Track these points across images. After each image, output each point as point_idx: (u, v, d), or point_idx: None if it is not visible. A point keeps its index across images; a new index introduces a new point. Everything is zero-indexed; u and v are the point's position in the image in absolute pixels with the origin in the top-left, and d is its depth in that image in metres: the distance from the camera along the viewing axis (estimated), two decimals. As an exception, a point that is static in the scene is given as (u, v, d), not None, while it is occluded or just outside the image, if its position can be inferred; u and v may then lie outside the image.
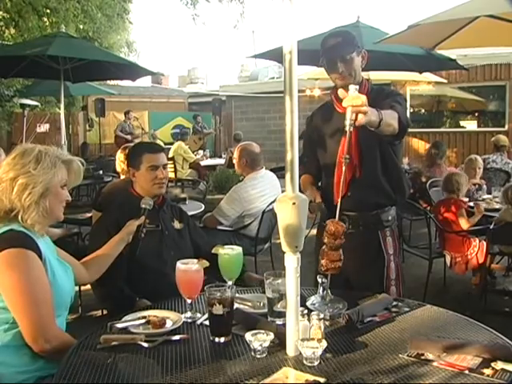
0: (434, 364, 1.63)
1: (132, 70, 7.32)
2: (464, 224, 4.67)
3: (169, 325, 1.98)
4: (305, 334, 1.77)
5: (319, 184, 2.84)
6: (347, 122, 1.94)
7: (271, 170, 4.97)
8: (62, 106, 7.54)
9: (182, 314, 2.08)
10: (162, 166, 2.74)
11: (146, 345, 1.80)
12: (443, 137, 13.15)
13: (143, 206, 2.56)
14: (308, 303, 2.11)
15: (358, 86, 1.96)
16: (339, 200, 2.10)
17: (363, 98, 1.92)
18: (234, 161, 4.86)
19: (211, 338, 1.87)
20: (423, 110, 14.66)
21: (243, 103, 17.48)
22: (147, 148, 2.85)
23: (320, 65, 2.63)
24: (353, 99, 1.91)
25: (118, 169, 4.37)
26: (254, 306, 2.17)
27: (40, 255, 1.91)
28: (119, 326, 1.94)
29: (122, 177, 4.28)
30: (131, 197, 2.75)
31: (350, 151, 2.27)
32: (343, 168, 2.11)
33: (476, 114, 13.89)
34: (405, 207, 4.94)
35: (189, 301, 2.12)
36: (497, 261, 5.18)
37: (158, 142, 11.74)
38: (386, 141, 2.49)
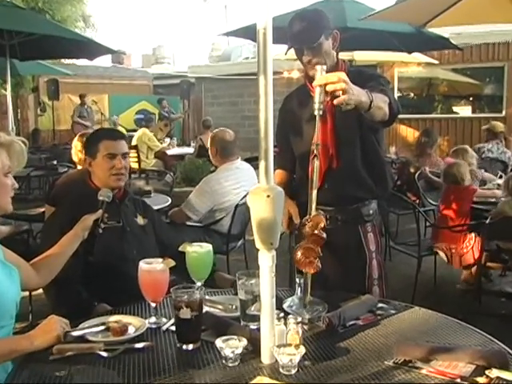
0: (423, 372, 1.64)
1: (89, 48, 7.24)
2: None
3: (131, 331, 1.97)
4: (281, 339, 1.77)
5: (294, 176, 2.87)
6: (316, 105, 1.93)
7: (245, 161, 5.00)
8: (9, 86, 7.43)
9: (145, 319, 2.08)
10: (120, 154, 2.72)
11: (105, 354, 1.80)
12: (434, 123, 13.28)
13: (101, 198, 2.54)
14: (285, 305, 2.11)
15: (324, 66, 1.97)
16: (313, 192, 2.11)
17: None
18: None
19: (178, 345, 1.87)
20: (412, 94, 14.79)
21: (214, 86, 17.42)
22: (105, 134, 2.83)
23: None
24: (326, 78, 1.91)
25: (75, 158, 4.33)
26: (225, 309, 2.18)
27: None
28: (75, 333, 1.92)
29: (79, 167, 4.25)
30: (88, 189, 2.73)
31: (323, 138, 2.29)
32: (315, 157, 2.11)
33: (470, 99, 14.04)
34: (391, 200, 5.02)
35: (153, 304, 2.12)
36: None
37: (120, 128, 11.63)
38: (369, 127, 2.52)
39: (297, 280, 2.15)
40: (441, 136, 11.08)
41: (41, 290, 2.56)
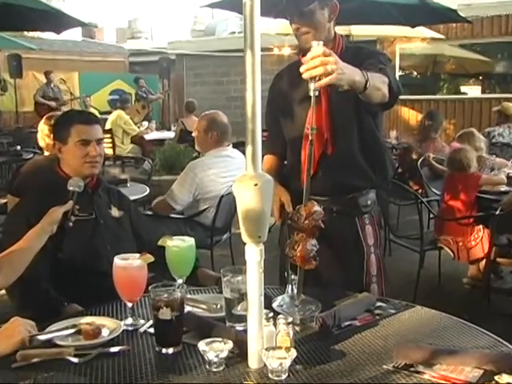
0: (425, 377, 1.64)
1: (56, 19, 7.14)
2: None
3: (105, 334, 1.97)
4: (270, 341, 1.77)
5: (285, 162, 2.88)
6: (311, 85, 1.93)
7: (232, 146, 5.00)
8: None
9: (121, 320, 2.08)
10: (95, 140, 2.72)
11: (76, 360, 1.79)
12: (439, 105, 13.29)
13: (71, 188, 2.53)
14: (274, 305, 2.12)
15: (321, 42, 1.95)
16: (306, 180, 2.11)
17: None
18: (194, 133, 4.87)
19: (157, 349, 1.87)
20: (415, 73, 14.83)
21: (197, 63, 17.36)
22: (77, 117, 2.82)
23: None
24: (315, 54, 1.90)
25: (42, 144, 4.32)
26: (209, 309, 2.19)
27: None
28: (42, 337, 1.92)
29: (47, 153, 4.23)
30: (57, 178, 2.72)
31: (317, 122, 2.26)
32: (311, 143, 2.11)
33: (480, 78, 14.07)
34: (392, 190, 5.04)
35: (129, 304, 2.12)
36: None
37: (92, 110, 11.59)
38: (367, 110, 2.54)
39: (288, 276, 2.17)
40: (446, 119, 11.11)
41: (3, 291, 2.54)
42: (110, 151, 9.63)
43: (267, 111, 2.87)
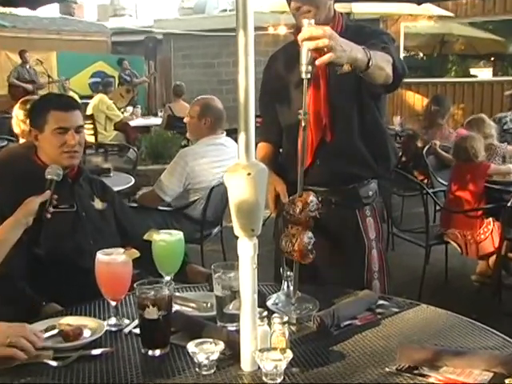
0: (431, 380, 1.64)
1: (31, -7, 7.13)
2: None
3: (86, 335, 1.97)
4: (264, 342, 1.78)
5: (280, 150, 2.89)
6: (303, 67, 1.96)
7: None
8: None
9: (103, 320, 2.08)
10: (74, 128, 2.70)
11: (55, 363, 1.79)
12: (447, 89, 13.31)
13: (49, 176, 2.51)
14: (268, 303, 2.13)
15: (312, 20, 1.99)
16: (300, 169, 2.14)
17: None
18: (186, 119, 4.87)
19: (143, 351, 1.87)
20: (422, 54, 14.83)
21: (186, 44, 17.31)
22: (55, 102, 2.80)
23: None
24: (310, 32, 1.93)
25: (16, 130, 4.31)
26: (198, 308, 2.20)
27: None
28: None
29: (22, 141, 4.22)
30: (34, 167, 2.71)
31: (315, 106, 2.34)
32: (302, 128, 2.14)
33: (491, 59, 14.07)
34: (395, 180, 5.05)
35: (113, 303, 2.12)
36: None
37: (71, 94, 11.54)
38: (369, 93, 2.54)
39: (283, 273, 2.18)
40: (454, 104, 11.11)
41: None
42: (91, 139, 9.60)
43: (261, 95, 2.86)
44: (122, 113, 11.46)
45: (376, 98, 2.66)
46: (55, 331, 1.97)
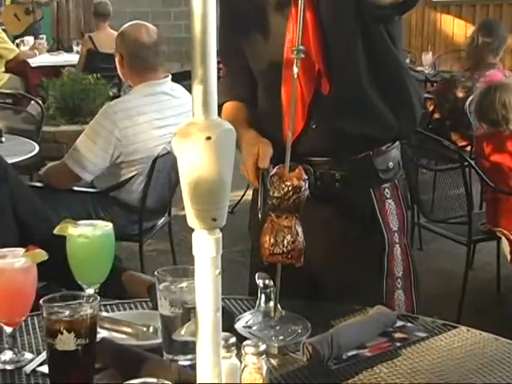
0: None
1: None
2: None
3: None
4: (232, 380, 1.50)
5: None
6: None
7: (172, 78, 4.22)
8: None
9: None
10: None
11: None
12: (503, 11, 11.15)
13: None
14: (238, 325, 1.88)
15: None
16: (290, 135, 1.92)
17: None
18: (117, 58, 4.16)
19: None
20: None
21: None
22: None
23: None
24: None
25: None
26: (136, 334, 1.90)
27: None
28: None
29: None
30: None
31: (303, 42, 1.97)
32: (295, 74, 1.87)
33: None
34: (423, 146, 4.44)
35: (8, 329, 1.78)
36: None
37: None
38: (376, 15, 2.09)
39: (259, 283, 1.86)
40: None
41: None
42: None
43: (221, 28, 2.35)
44: (18, 46, 9.69)
45: (386, 22, 2.17)
46: None
